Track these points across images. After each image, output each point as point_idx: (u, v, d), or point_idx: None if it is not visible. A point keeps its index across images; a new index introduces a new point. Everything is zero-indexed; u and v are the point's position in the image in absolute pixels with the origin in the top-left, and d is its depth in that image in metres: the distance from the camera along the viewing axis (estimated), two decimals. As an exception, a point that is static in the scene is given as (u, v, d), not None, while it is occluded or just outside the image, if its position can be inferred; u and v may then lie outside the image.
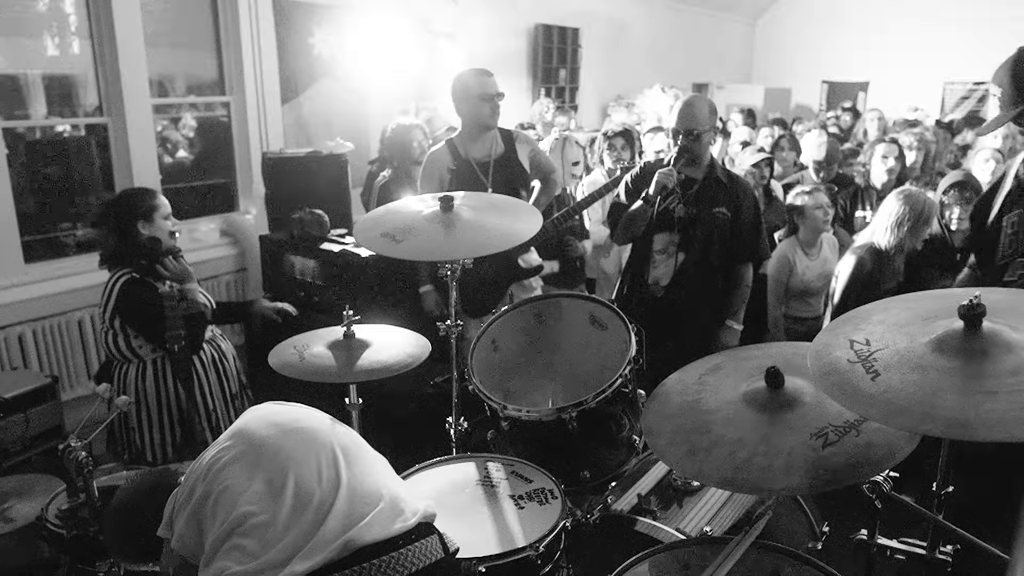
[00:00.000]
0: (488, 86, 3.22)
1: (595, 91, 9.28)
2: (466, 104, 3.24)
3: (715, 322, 3.16)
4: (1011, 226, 2.19)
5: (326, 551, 1.36)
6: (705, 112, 3.01)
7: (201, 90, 5.33)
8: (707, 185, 3.07)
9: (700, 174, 3.08)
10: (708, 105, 3.06)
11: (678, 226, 3.07)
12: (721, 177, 3.09)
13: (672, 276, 3.09)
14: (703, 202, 3.06)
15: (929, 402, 1.14)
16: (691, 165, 3.06)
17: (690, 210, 3.06)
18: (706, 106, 3.04)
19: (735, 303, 3.17)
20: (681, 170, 3.00)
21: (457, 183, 3.20)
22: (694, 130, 2.97)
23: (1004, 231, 2.20)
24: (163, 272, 2.57)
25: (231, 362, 2.92)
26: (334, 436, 1.58)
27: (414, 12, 6.40)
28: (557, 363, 2.38)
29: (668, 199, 3.04)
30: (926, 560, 1.57)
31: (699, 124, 2.98)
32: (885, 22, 10.93)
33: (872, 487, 1.59)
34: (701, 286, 3.09)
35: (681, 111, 3.03)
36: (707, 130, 3.01)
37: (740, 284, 3.16)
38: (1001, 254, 2.21)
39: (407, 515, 1.49)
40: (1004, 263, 2.20)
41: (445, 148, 3.33)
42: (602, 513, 1.98)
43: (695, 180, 3.08)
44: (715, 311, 3.16)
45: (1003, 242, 2.20)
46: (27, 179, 4.43)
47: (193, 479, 1.50)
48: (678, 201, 3.06)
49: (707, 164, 3.10)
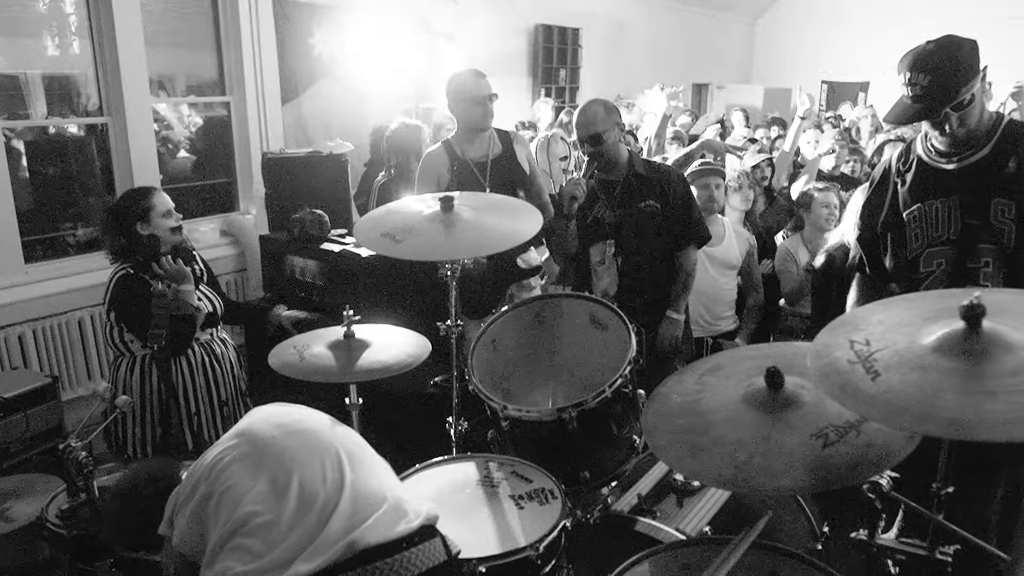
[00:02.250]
0: (480, 88, 3.19)
1: (595, 91, 9.23)
2: (459, 106, 3.23)
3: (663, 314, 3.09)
4: (912, 221, 2.22)
5: (329, 552, 1.36)
6: (601, 113, 2.95)
7: (201, 90, 5.34)
8: (628, 183, 3.01)
9: (620, 174, 3.02)
10: (603, 106, 2.99)
11: (611, 232, 3.02)
12: (641, 171, 3.02)
13: (617, 283, 3.04)
14: (628, 201, 3.00)
15: (929, 402, 1.14)
16: (608, 168, 3.00)
17: (618, 212, 3.01)
18: (601, 107, 2.98)
19: (675, 292, 3.07)
20: (594, 177, 2.96)
21: (456, 183, 3.19)
22: (595, 134, 2.91)
23: (909, 228, 2.22)
24: (158, 271, 2.59)
25: (228, 367, 2.91)
26: (337, 438, 1.59)
27: (414, 12, 6.40)
28: (557, 363, 2.38)
29: (595, 209, 3.01)
30: (926, 560, 1.57)
31: (596, 126, 2.92)
32: (885, 22, 10.94)
33: (872, 487, 1.59)
34: (649, 284, 3.04)
35: (578, 120, 2.99)
36: (607, 130, 2.93)
37: (680, 271, 3.07)
38: (910, 249, 2.23)
39: (410, 517, 1.49)
40: (914, 257, 2.23)
41: (442, 149, 3.31)
42: (602, 513, 1.98)
43: (616, 182, 3.02)
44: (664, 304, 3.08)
45: (910, 238, 2.22)
46: (27, 179, 4.43)
47: (195, 477, 1.50)
48: (605, 208, 3.02)
49: (625, 163, 3.03)
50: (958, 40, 2.04)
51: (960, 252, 2.15)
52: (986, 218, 2.11)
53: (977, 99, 2.05)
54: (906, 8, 10.87)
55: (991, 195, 2.09)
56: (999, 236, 2.10)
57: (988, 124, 2.12)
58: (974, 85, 2.02)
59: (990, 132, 2.11)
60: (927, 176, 2.20)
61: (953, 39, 2.04)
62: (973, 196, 2.12)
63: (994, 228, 2.10)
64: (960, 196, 2.14)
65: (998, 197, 2.09)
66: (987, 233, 2.12)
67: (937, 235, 2.18)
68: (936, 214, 2.18)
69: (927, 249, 2.21)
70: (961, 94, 2.00)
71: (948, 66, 2.00)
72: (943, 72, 2.00)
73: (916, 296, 1.48)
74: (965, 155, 2.13)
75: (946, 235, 2.17)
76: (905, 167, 2.27)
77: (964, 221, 2.14)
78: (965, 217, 2.13)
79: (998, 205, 2.09)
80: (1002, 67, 10.25)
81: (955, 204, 2.15)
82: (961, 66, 2.00)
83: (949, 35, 2.05)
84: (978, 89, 2.04)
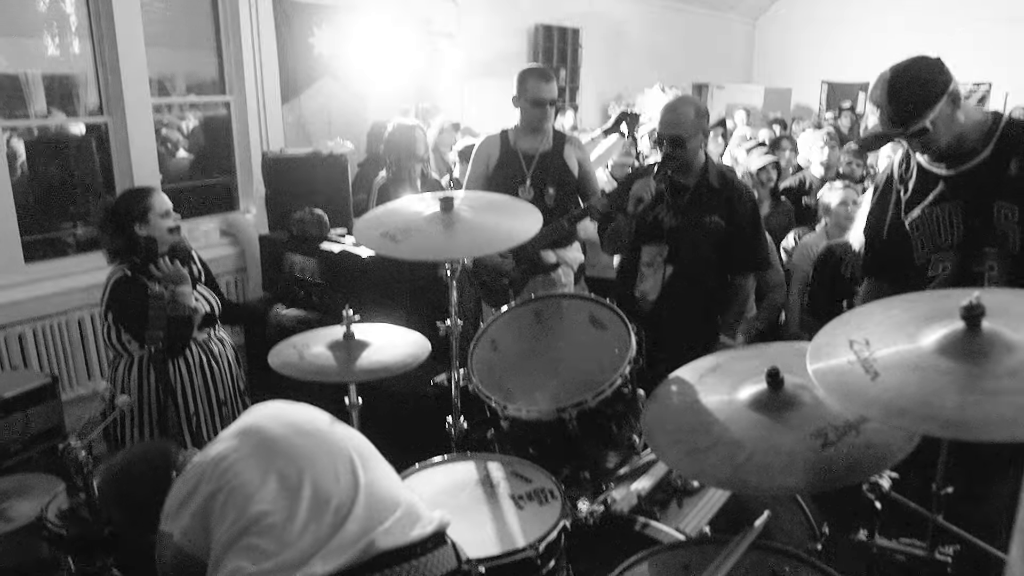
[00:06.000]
0: (541, 91, 3.31)
1: (595, 91, 9.28)
2: (520, 102, 3.37)
3: (708, 338, 2.91)
4: (915, 228, 2.21)
5: (348, 552, 1.36)
6: (691, 116, 2.76)
7: (201, 90, 5.34)
8: (698, 192, 2.84)
9: (692, 180, 2.85)
10: (695, 108, 2.81)
11: (667, 237, 2.85)
12: (714, 183, 2.84)
13: (660, 290, 2.88)
14: (693, 211, 2.83)
15: (929, 402, 1.14)
16: (681, 172, 2.84)
17: (679, 220, 2.84)
18: (692, 109, 2.79)
19: (729, 317, 2.95)
20: (665, 178, 2.80)
21: (498, 170, 3.39)
22: (678, 136, 2.74)
23: (913, 235, 2.21)
24: (155, 273, 2.59)
25: (226, 367, 2.91)
26: (348, 440, 1.58)
27: (414, 12, 6.40)
28: (557, 363, 2.38)
29: (656, 208, 2.84)
30: (926, 560, 1.57)
31: (684, 129, 2.74)
32: (885, 22, 10.93)
33: (872, 487, 1.59)
34: (691, 300, 2.87)
35: (664, 116, 2.80)
36: (692, 136, 2.76)
37: (737, 297, 2.95)
38: (917, 255, 2.22)
39: (424, 522, 1.49)
40: (922, 264, 2.22)
41: (497, 137, 3.49)
42: (602, 513, 1.98)
43: (687, 187, 2.85)
44: (708, 327, 2.94)
45: (915, 244, 2.21)
46: (27, 178, 4.43)
47: (197, 474, 1.48)
48: (667, 211, 2.86)
49: (700, 169, 2.85)
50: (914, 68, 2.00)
51: (964, 256, 2.12)
52: (989, 222, 2.08)
53: (945, 120, 1.99)
54: (906, 8, 10.87)
55: (993, 198, 2.06)
56: (1003, 240, 2.07)
57: (984, 126, 2.07)
58: (933, 111, 1.96)
59: (988, 134, 2.07)
60: (928, 182, 2.17)
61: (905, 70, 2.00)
62: (975, 200, 2.09)
63: (997, 232, 2.07)
64: (962, 201, 2.11)
65: (1000, 200, 2.06)
66: (991, 237, 2.08)
67: (941, 241, 2.16)
68: (938, 220, 2.15)
69: (932, 255, 2.18)
70: (919, 123, 1.97)
71: (898, 100, 1.98)
72: (895, 105, 1.98)
73: (916, 296, 1.48)
74: (964, 160, 2.09)
75: (949, 240, 2.14)
76: (907, 173, 2.25)
77: (967, 225, 2.11)
78: (968, 221, 2.10)
79: (1001, 208, 2.06)
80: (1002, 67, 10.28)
81: (957, 209, 2.12)
82: (912, 98, 1.97)
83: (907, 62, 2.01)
84: (943, 110, 1.97)
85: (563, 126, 6.23)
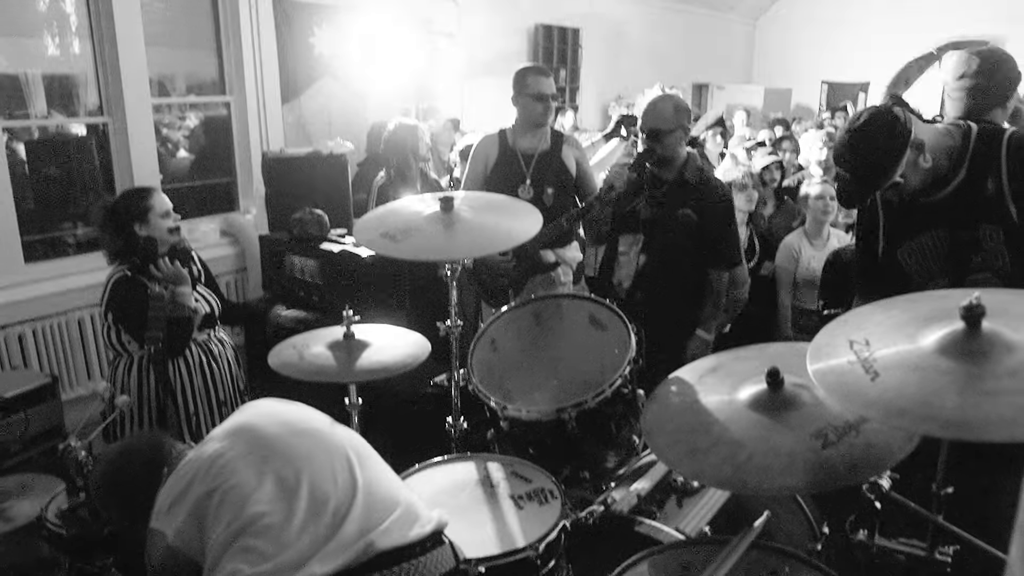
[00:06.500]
0: (543, 86, 3.31)
1: (595, 91, 9.28)
2: (520, 99, 3.35)
3: (683, 330, 3.00)
4: (906, 258, 2.17)
5: (347, 553, 1.35)
6: (669, 111, 2.90)
7: (201, 90, 5.34)
8: (675, 186, 2.96)
9: (671, 175, 2.97)
10: (674, 104, 2.95)
11: (642, 228, 2.99)
12: (691, 179, 2.95)
13: (632, 278, 3.01)
14: (669, 204, 2.95)
15: (929, 402, 1.14)
16: (661, 166, 2.96)
17: (655, 211, 2.97)
18: (671, 105, 2.93)
19: (705, 311, 3.02)
20: (643, 170, 2.93)
21: (497, 170, 3.39)
22: (657, 129, 2.88)
23: (905, 264, 2.17)
24: (155, 274, 2.60)
25: (225, 367, 2.91)
26: (345, 439, 1.58)
27: (414, 12, 6.40)
28: (557, 363, 2.38)
29: (635, 200, 2.97)
30: (926, 560, 1.57)
31: (662, 123, 2.88)
32: (885, 22, 10.93)
33: (872, 487, 1.59)
34: (663, 290, 2.97)
35: (645, 111, 2.96)
36: (671, 130, 2.89)
37: (711, 292, 3.01)
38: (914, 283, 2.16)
39: (423, 521, 1.49)
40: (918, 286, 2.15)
41: (495, 136, 3.47)
42: (602, 513, 1.98)
43: (665, 182, 2.97)
44: (681, 318, 3.01)
45: (910, 272, 2.17)
46: (27, 179, 4.43)
47: (191, 472, 1.46)
48: (644, 202, 2.98)
49: (680, 164, 2.97)
50: (871, 131, 1.93)
51: (957, 280, 2.09)
52: (977, 245, 2.05)
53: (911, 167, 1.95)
54: (906, 8, 10.86)
55: (978, 222, 2.03)
56: (993, 261, 2.04)
57: (953, 150, 2.01)
58: (899, 167, 1.92)
59: (960, 155, 2.01)
60: (913, 210, 2.13)
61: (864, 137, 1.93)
62: (959, 225, 2.06)
63: (987, 254, 2.05)
64: (947, 227, 2.08)
65: (984, 223, 2.02)
66: (980, 260, 2.05)
67: (935, 270, 2.13)
68: (926, 248, 2.13)
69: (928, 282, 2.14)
70: (888, 182, 1.94)
71: (864, 167, 1.95)
72: (861, 172, 1.96)
73: (916, 296, 1.48)
74: (940, 186, 2.04)
75: (940, 265, 2.12)
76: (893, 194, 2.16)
77: (956, 249, 2.08)
78: (955, 248, 2.08)
79: (986, 230, 2.02)
80: (1002, 67, 10.27)
81: (943, 235, 2.09)
82: (876, 164, 1.93)
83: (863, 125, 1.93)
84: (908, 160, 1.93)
85: (563, 126, 6.25)
